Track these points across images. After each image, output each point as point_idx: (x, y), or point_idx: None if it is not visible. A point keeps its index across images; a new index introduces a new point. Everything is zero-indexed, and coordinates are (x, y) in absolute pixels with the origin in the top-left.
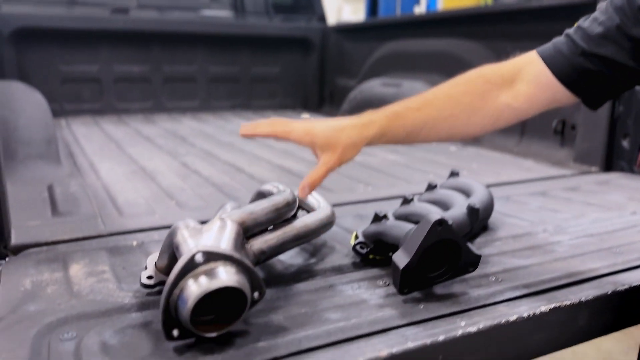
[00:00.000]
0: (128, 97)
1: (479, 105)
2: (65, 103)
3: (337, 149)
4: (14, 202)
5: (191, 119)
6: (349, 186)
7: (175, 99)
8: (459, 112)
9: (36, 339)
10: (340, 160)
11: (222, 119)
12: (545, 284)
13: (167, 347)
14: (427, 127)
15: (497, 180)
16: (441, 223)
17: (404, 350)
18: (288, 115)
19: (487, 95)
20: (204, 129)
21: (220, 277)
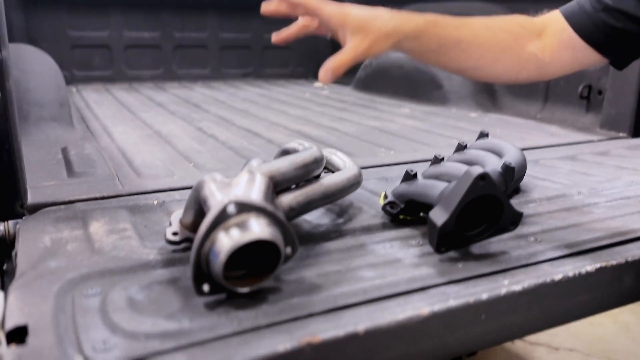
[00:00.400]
0: (138, 64)
1: (511, 44)
2: (75, 70)
3: (369, 34)
4: (28, 163)
5: (202, 86)
6: (370, 150)
7: (186, 67)
8: (492, 44)
9: (59, 295)
10: (370, 48)
11: (234, 87)
12: (588, 244)
13: (197, 303)
14: (459, 48)
15: (523, 145)
16: (484, 177)
17: (446, 308)
18: (300, 85)
19: (519, 38)
20: (216, 96)
21: (254, 230)
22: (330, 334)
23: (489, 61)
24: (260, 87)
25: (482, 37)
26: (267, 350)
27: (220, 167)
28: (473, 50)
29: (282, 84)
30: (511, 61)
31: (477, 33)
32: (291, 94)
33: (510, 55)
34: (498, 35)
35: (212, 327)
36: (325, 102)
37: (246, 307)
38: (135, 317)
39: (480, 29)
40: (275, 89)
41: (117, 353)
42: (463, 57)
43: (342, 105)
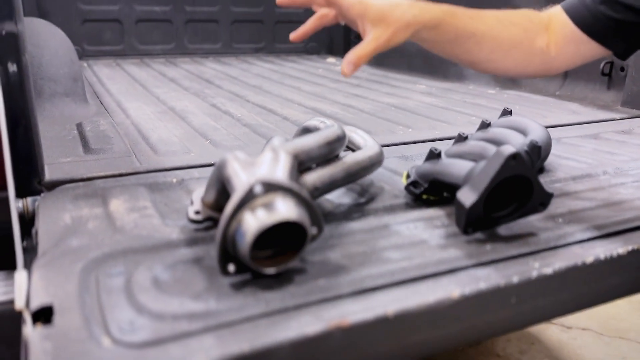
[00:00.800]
0: (149, 39)
1: (521, 39)
2: (86, 44)
3: (390, 24)
4: (44, 139)
5: (214, 62)
6: (388, 128)
7: (197, 41)
8: (504, 38)
9: (83, 274)
10: (391, 38)
11: (246, 62)
12: (618, 226)
13: (223, 283)
14: (474, 40)
15: (545, 123)
16: (515, 157)
17: (477, 291)
18: (313, 60)
19: (529, 33)
20: (228, 72)
21: (280, 210)
22: (359, 316)
23: (500, 55)
24: (272, 63)
25: (495, 30)
26: (296, 332)
27: (237, 145)
28: (486, 42)
29: (294, 59)
30: (520, 55)
31: (491, 26)
32: (304, 69)
33: (520, 49)
34: (510, 29)
35: (240, 308)
36: (339, 78)
37: (273, 288)
38: (161, 297)
39: (493, 22)
40: (288, 64)
41: (145, 334)
42: (476, 50)
43: (356, 81)
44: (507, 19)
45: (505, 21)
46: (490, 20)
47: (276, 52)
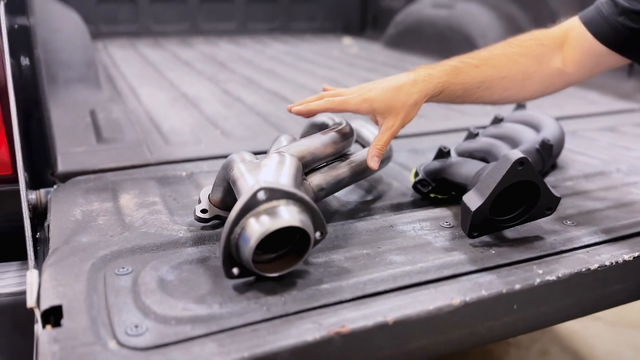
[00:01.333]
0: (164, 19)
1: (534, 68)
2: (101, 25)
3: (399, 111)
4: (58, 127)
5: (228, 42)
6: None
7: (211, 21)
8: (515, 73)
9: (91, 273)
10: (403, 122)
11: (261, 43)
12: (626, 230)
13: (227, 285)
14: (483, 87)
15: (561, 114)
16: (522, 162)
17: (477, 298)
18: (328, 40)
19: (541, 58)
20: (242, 54)
21: (283, 216)
22: (359, 324)
23: (515, 90)
24: (287, 44)
25: (504, 70)
26: (296, 339)
27: (248, 135)
28: (497, 85)
29: (309, 39)
30: (537, 82)
31: (499, 66)
32: (319, 51)
33: (535, 78)
34: (520, 63)
35: (242, 313)
36: (354, 62)
37: (275, 293)
38: (166, 300)
39: (500, 61)
40: (303, 45)
41: (149, 338)
42: (488, 94)
43: (371, 65)
44: (516, 53)
45: (514, 55)
46: (497, 61)
47: (291, 32)
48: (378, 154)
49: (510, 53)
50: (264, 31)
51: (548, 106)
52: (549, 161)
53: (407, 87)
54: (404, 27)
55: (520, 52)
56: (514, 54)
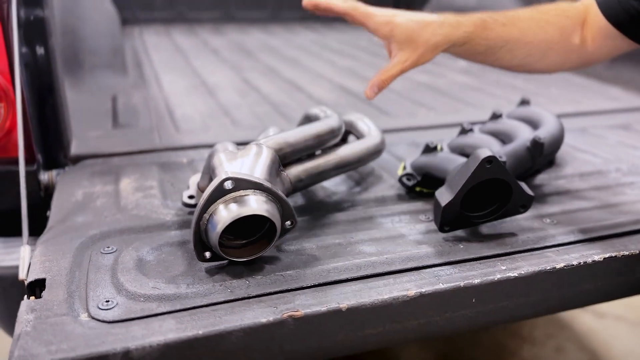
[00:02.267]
0: (199, 6)
1: (557, 39)
2: (138, 11)
3: (418, 47)
4: (80, 111)
5: (259, 30)
6: (409, 110)
7: (244, 9)
8: (540, 40)
9: (79, 250)
10: (418, 60)
11: (291, 31)
12: (605, 230)
13: (199, 268)
14: (506, 47)
15: (576, 110)
16: (490, 161)
17: (433, 290)
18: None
19: (565, 30)
20: (270, 43)
21: (250, 205)
22: (313, 309)
23: (536, 58)
24: (316, 32)
25: (530, 34)
26: (250, 321)
27: (256, 124)
28: (520, 48)
29: (340, 28)
30: (557, 55)
31: (525, 30)
32: (346, 40)
33: (556, 49)
34: (546, 30)
35: (206, 294)
36: (378, 52)
37: (241, 276)
38: (139, 279)
39: (529, 24)
40: (332, 34)
41: (117, 312)
42: (509, 57)
43: None
44: (544, 19)
45: (542, 21)
46: (524, 24)
47: (322, 21)
48: (380, 85)
49: (538, 18)
50: (295, 19)
51: (564, 101)
52: (540, 159)
53: (434, 26)
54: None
55: (547, 20)
56: (542, 20)
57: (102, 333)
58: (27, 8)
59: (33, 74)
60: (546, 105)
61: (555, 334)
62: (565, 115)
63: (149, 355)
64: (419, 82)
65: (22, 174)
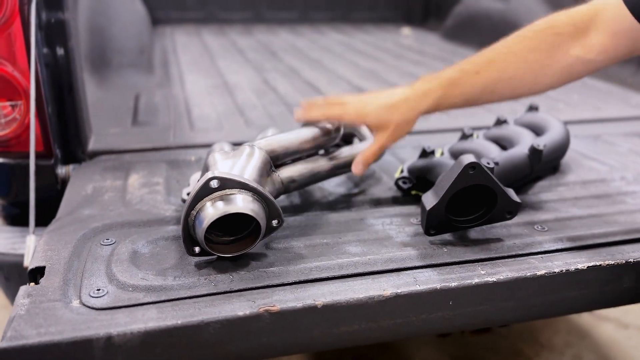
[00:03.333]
0: (229, 6)
1: (547, 62)
2: (170, 11)
3: (389, 128)
4: (104, 108)
5: (288, 31)
6: None
7: (274, 9)
8: (524, 72)
9: (80, 241)
10: (393, 138)
11: (318, 32)
12: (595, 239)
13: (189, 262)
14: (487, 92)
15: (594, 116)
16: (474, 167)
17: (409, 291)
18: (386, 31)
19: (556, 49)
20: (296, 43)
21: (236, 204)
22: (289, 304)
23: (527, 87)
24: (344, 34)
25: (510, 70)
26: (228, 313)
27: (268, 124)
28: (502, 87)
29: (368, 29)
30: (552, 77)
31: (503, 68)
32: (373, 42)
33: (549, 71)
34: (529, 59)
35: (191, 287)
36: (403, 54)
37: (226, 271)
38: (130, 270)
39: (505, 61)
40: (359, 35)
41: (106, 300)
42: (496, 96)
43: (419, 57)
44: (524, 47)
45: (523, 51)
46: (501, 62)
47: (351, 21)
48: (364, 163)
49: (518, 50)
50: (324, 20)
51: (583, 107)
52: (539, 166)
53: (400, 106)
54: (461, 18)
55: (530, 47)
56: (523, 50)
57: (89, 319)
58: (49, 11)
59: (53, 73)
60: (564, 111)
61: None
62: (582, 121)
63: (130, 342)
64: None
65: (32, 168)
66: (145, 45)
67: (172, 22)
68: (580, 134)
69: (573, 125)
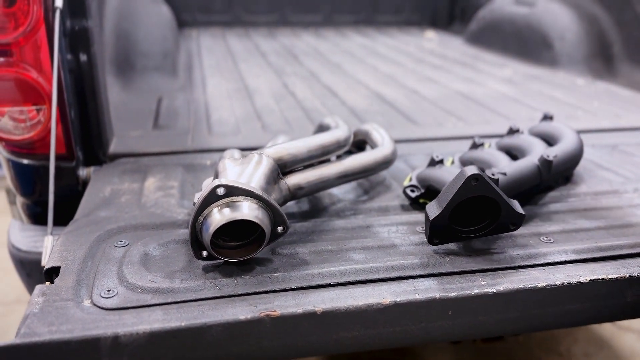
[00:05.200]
0: (255, 10)
1: None
2: (197, 14)
3: None
4: (127, 111)
5: (311, 34)
6: (438, 120)
7: (299, 12)
8: None
9: (95, 243)
10: None
11: (342, 35)
12: (601, 252)
13: (197, 265)
14: None
15: (612, 125)
16: (477, 178)
17: (409, 300)
18: (410, 34)
19: None
20: (319, 47)
21: (241, 210)
22: (289, 310)
23: None
24: (367, 37)
25: None
26: (230, 317)
27: (284, 129)
28: None
29: (392, 33)
30: None
31: None
32: (395, 45)
33: None
34: None
35: (196, 290)
36: (424, 58)
37: (232, 276)
38: (140, 272)
39: None
40: (382, 39)
41: (115, 301)
42: None
43: (440, 62)
44: None
45: None
46: None
47: (376, 25)
48: None
49: None
50: (349, 23)
51: (603, 116)
52: (549, 176)
53: None
54: (485, 23)
55: None
56: None
57: (98, 319)
58: (73, 19)
59: (76, 78)
60: (582, 119)
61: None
62: (600, 130)
63: (136, 341)
64: (457, 90)
65: (52, 171)
66: (169, 49)
67: (198, 25)
68: (597, 143)
69: (590, 134)
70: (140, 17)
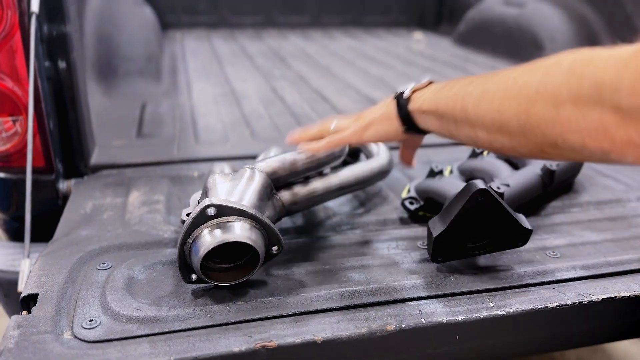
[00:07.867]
0: (241, 11)
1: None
2: (182, 15)
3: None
4: (109, 118)
5: (298, 36)
6: None
7: (285, 13)
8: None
9: (76, 266)
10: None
11: (330, 37)
12: (610, 267)
13: (186, 289)
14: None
15: None
16: (483, 193)
17: (414, 326)
18: (398, 36)
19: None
20: (306, 49)
21: (233, 232)
22: (287, 340)
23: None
24: (355, 38)
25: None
26: (223, 349)
27: (274, 137)
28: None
29: (379, 34)
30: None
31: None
32: (384, 47)
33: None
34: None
35: (186, 318)
36: (413, 60)
37: (223, 301)
38: (125, 298)
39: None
40: (371, 40)
41: (98, 332)
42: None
43: (430, 64)
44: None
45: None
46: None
47: (363, 25)
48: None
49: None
50: (336, 24)
51: None
52: (552, 186)
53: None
54: (474, 24)
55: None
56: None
57: (80, 354)
58: (50, 24)
59: (55, 87)
60: None
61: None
62: None
63: None
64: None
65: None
66: (153, 52)
67: (182, 27)
68: None
69: None
70: (123, 20)
